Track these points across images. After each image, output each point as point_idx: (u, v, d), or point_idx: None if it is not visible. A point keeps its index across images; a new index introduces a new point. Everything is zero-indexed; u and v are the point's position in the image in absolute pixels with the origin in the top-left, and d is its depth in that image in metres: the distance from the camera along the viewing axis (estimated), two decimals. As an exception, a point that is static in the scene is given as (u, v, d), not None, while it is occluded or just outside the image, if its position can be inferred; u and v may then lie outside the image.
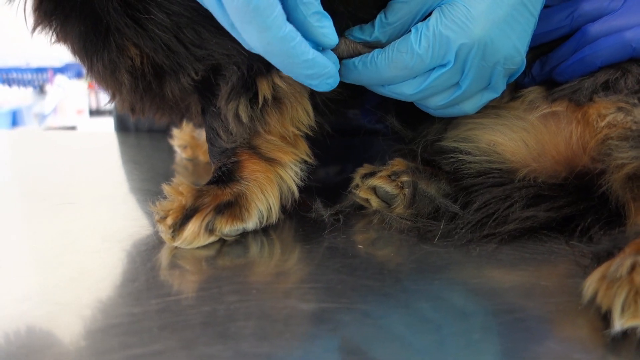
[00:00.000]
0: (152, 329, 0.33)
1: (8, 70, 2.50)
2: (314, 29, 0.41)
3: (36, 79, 2.45)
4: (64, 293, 0.38)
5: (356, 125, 0.83)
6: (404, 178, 0.49)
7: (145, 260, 0.43)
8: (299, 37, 0.40)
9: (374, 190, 0.51)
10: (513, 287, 0.37)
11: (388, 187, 0.50)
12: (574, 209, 0.45)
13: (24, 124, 2.28)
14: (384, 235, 0.47)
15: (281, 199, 0.51)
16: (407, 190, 0.49)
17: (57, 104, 2.23)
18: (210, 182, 0.50)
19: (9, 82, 2.48)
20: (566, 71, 0.50)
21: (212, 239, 0.46)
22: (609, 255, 0.37)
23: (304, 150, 0.53)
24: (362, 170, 0.53)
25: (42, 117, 2.23)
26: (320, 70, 0.42)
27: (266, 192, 0.50)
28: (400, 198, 0.49)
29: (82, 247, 0.46)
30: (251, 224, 0.48)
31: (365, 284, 0.38)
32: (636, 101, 0.43)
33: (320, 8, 0.41)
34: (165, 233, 0.46)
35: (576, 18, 0.50)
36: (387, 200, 0.50)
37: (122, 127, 0.99)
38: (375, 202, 0.51)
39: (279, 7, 0.38)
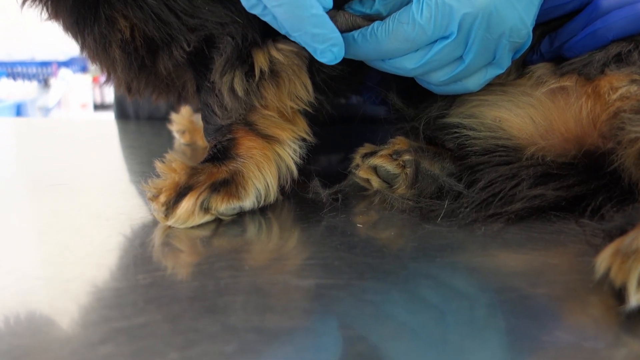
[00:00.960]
0: (136, 302, 0.31)
1: (13, 64, 2.50)
2: None
3: (41, 72, 2.45)
4: (46, 268, 0.36)
5: (359, 113, 0.81)
6: (406, 157, 0.47)
7: (134, 237, 0.41)
8: None
9: (375, 169, 0.49)
10: (520, 267, 0.35)
11: (389, 167, 0.48)
12: (584, 188, 0.43)
13: (28, 117, 2.28)
14: (385, 215, 0.45)
15: (279, 178, 0.49)
16: (409, 169, 0.47)
17: (61, 97, 2.22)
18: (205, 160, 0.48)
19: (14, 75, 2.48)
20: (576, 46, 0.48)
21: (208, 218, 0.44)
22: (621, 232, 0.34)
23: (302, 128, 0.51)
24: (362, 150, 0.51)
25: (46, 111, 2.23)
26: (327, 33, 0.41)
27: (263, 170, 0.47)
28: (402, 178, 0.47)
29: (68, 225, 0.44)
30: (248, 202, 0.46)
31: (364, 261, 0.36)
32: (650, 73, 0.41)
33: None
34: (158, 212, 0.44)
35: (587, -9, 0.48)
36: (388, 180, 0.48)
37: (122, 114, 0.98)
38: (376, 182, 0.49)
39: None
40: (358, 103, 0.86)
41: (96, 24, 0.48)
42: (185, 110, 0.76)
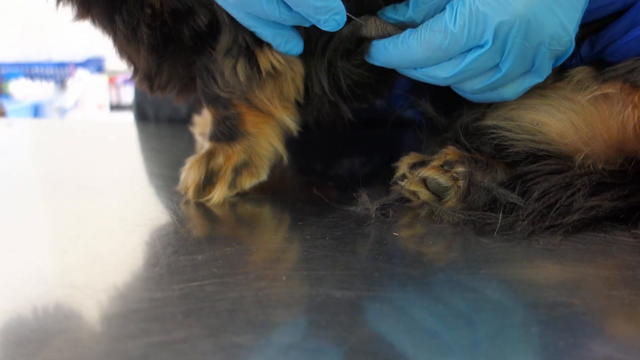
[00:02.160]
0: (175, 315, 0.30)
1: (30, 65, 2.52)
2: None
3: (58, 73, 2.46)
4: (80, 277, 0.36)
5: (383, 116, 0.80)
6: (459, 169, 0.45)
7: (165, 245, 0.40)
8: None
9: (424, 181, 0.46)
10: (567, 279, 0.34)
11: (441, 179, 0.45)
12: (638, 198, 0.41)
13: (45, 117, 2.29)
14: (435, 228, 0.43)
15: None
16: (462, 182, 0.44)
17: (78, 98, 2.23)
18: (214, 136, 0.52)
19: (32, 76, 2.50)
20: (620, 50, 0.47)
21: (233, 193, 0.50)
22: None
23: (292, 112, 0.52)
24: (408, 159, 0.48)
25: (63, 111, 2.24)
26: (330, 3, 0.41)
27: (273, 141, 0.52)
28: (453, 190, 0.45)
29: (98, 231, 0.44)
30: (265, 175, 0.51)
31: (404, 272, 0.35)
32: None
33: None
34: (193, 198, 0.49)
35: (631, -8, 0.46)
36: (438, 193, 0.46)
37: (141, 116, 0.97)
38: (424, 195, 0.46)
39: None
40: (382, 107, 0.84)
41: (124, 4, 0.48)
42: (207, 112, 0.75)
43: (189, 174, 0.50)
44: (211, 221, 0.46)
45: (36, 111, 2.22)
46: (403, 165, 0.48)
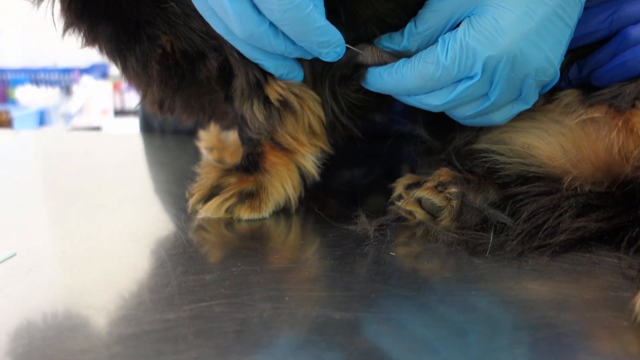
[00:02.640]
0: (187, 335, 0.32)
1: (36, 71, 2.55)
2: None
3: (63, 79, 2.49)
4: (95, 297, 0.38)
5: (384, 130, 0.82)
6: (452, 189, 0.47)
7: (175, 265, 0.43)
8: (312, 5, 0.41)
9: (420, 202, 0.49)
10: (552, 300, 0.36)
11: (435, 199, 0.48)
12: (624, 220, 0.43)
13: (51, 123, 2.32)
14: (429, 248, 0.45)
15: (303, 179, 0.54)
16: (455, 202, 0.47)
17: (83, 104, 2.26)
18: (239, 166, 0.55)
19: (37, 82, 2.53)
20: (605, 76, 0.49)
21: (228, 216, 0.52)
22: (655, 267, 0.35)
23: (323, 141, 0.54)
24: (404, 181, 0.51)
25: (68, 117, 2.27)
26: (331, 38, 0.43)
27: (286, 185, 0.53)
28: (447, 210, 0.47)
29: (112, 250, 0.46)
30: (266, 214, 0.53)
31: (401, 294, 0.37)
32: (683, 108, 0.42)
33: None
34: (192, 205, 0.52)
35: (616, 20, 0.49)
36: (433, 213, 0.48)
37: (147, 128, 0.99)
38: (420, 214, 0.49)
39: None
40: (382, 121, 0.87)
41: (137, 44, 0.51)
42: (213, 128, 0.78)
43: (203, 181, 0.53)
44: (217, 240, 0.49)
45: (42, 117, 2.26)
46: (399, 186, 0.51)
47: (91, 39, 0.54)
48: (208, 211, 0.51)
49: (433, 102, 0.47)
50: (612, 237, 0.43)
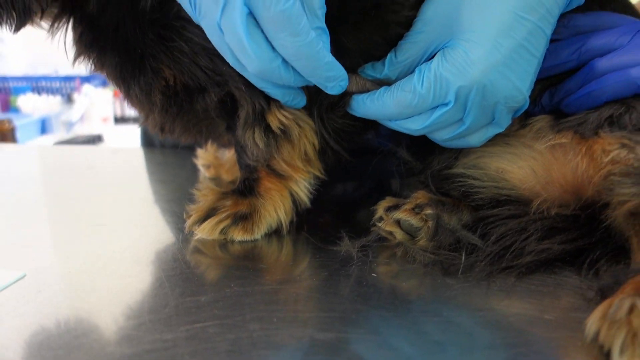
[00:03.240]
0: (183, 355, 0.36)
1: (38, 79, 2.59)
2: None
3: (64, 87, 2.53)
4: (100, 317, 0.41)
5: (374, 145, 0.86)
6: (428, 211, 0.51)
7: (174, 286, 0.46)
8: (322, 42, 0.45)
9: (399, 223, 0.52)
10: (516, 321, 0.39)
11: (413, 221, 0.52)
12: (585, 242, 0.47)
13: (52, 131, 2.36)
14: (407, 267, 0.49)
15: (296, 205, 0.58)
16: (431, 222, 0.51)
17: (84, 112, 2.30)
18: (235, 190, 0.59)
19: (39, 90, 2.57)
20: (573, 104, 0.52)
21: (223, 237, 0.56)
22: (610, 290, 0.39)
23: (317, 167, 0.58)
24: (385, 203, 0.55)
25: (69, 125, 2.30)
26: (337, 73, 0.47)
27: (279, 210, 0.57)
28: (424, 230, 0.51)
29: (114, 270, 0.49)
30: (258, 236, 0.56)
31: (379, 314, 0.41)
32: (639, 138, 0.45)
33: (323, 24, 0.45)
34: (189, 227, 0.56)
35: (584, 53, 0.52)
36: (411, 233, 0.52)
37: (148, 142, 1.03)
38: (399, 235, 0.53)
39: (306, 17, 0.43)
40: (372, 137, 0.90)
41: (142, 74, 0.55)
42: (210, 146, 0.81)
43: (200, 203, 0.57)
44: (212, 262, 0.52)
45: (43, 125, 2.30)
46: (380, 208, 0.54)
47: (99, 66, 0.59)
48: (203, 232, 0.55)
49: (412, 126, 0.51)
50: (575, 258, 0.46)
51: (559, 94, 0.54)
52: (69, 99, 2.46)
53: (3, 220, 0.64)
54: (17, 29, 0.51)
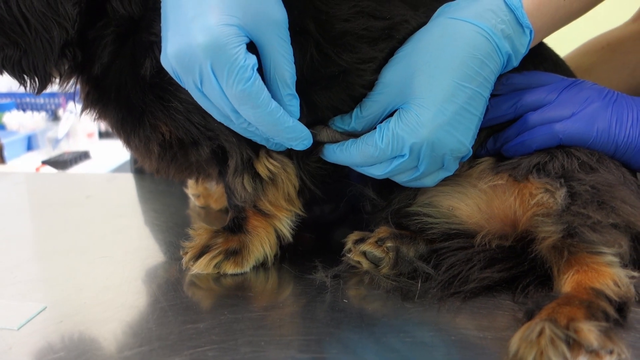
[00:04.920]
0: (188, 377, 0.45)
1: (22, 95, 2.63)
2: (286, 106, 0.54)
3: (49, 103, 2.58)
4: (116, 345, 0.49)
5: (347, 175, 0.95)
6: (389, 244, 0.60)
7: (176, 314, 0.54)
8: (282, 110, 0.54)
9: (365, 254, 0.62)
10: (461, 342, 0.48)
11: (376, 252, 0.61)
12: (519, 270, 0.56)
13: (38, 148, 2.41)
14: (372, 292, 0.58)
15: (279, 240, 0.66)
16: (391, 254, 0.60)
17: (69, 128, 2.36)
18: (226, 227, 0.66)
19: (23, 107, 2.61)
20: (511, 150, 0.62)
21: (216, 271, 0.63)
22: (532, 313, 0.48)
23: (298, 206, 0.67)
24: (353, 237, 0.64)
25: (55, 142, 2.36)
26: (298, 134, 0.56)
27: (264, 245, 0.65)
28: (386, 260, 0.60)
29: (123, 301, 0.57)
30: (248, 269, 0.64)
31: (348, 337, 0.50)
32: (558, 185, 0.55)
33: (293, 91, 0.54)
34: (185, 263, 0.64)
35: (519, 107, 0.62)
36: (375, 262, 0.61)
37: (138, 169, 1.11)
38: (365, 264, 0.62)
39: (266, 91, 0.52)
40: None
41: (141, 128, 0.63)
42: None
43: (195, 241, 0.65)
44: (206, 292, 0.60)
45: (30, 142, 2.35)
46: (349, 241, 0.64)
47: (102, 118, 0.67)
48: (199, 267, 0.63)
49: (375, 172, 0.60)
50: (510, 284, 0.56)
51: (500, 140, 0.64)
52: (54, 116, 2.51)
53: (14, 253, 0.72)
54: (39, 91, 0.59)
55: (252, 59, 0.50)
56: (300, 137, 0.56)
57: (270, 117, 0.53)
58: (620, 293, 0.50)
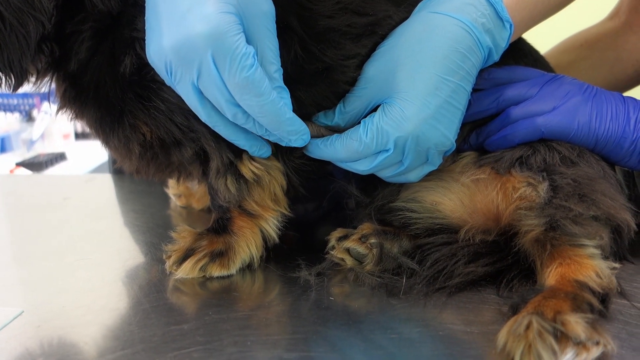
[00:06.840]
0: (174, 380, 0.44)
1: (-6, 96, 2.57)
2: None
3: (23, 104, 2.52)
4: (98, 350, 0.48)
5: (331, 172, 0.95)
6: (372, 240, 0.60)
7: (160, 316, 0.53)
8: (282, 101, 0.53)
9: (348, 251, 0.61)
10: (447, 336, 0.48)
11: (360, 249, 0.60)
12: (503, 264, 0.56)
13: (12, 149, 2.35)
14: (356, 289, 0.58)
15: (264, 241, 0.65)
16: (375, 250, 0.59)
17: (44, 129, 2.31)
18: (210, 229, 0.64)
19: (-4, 108, 2.54)
20: (493, 144, 0.62)
21: (202, 274, 0.62)
22: (518, 307, 0.48)
23: (283, 206, 0.66)
24: (336, 234, 0.64)
25: (30, 143, 2.30)
26: (298, 128, 0.55)
27: (250, 246, 0.64)
28: (369, 257, 0.60)
29: (104, 303, 0.56)
30: (234, 270, 0.62)
31: (335, 334, 0.49)
32: (541, 178, 0.55)
33: (282, 83, 0.54)
34: (169, 268, 0.62)
35: (501, 102, 0.62)
36: (359, 259, 0.61)
37: (117, 169, 1.09)
38: (349, 261, 0.61)
39: (267, 80, 0.51)
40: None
41: (120, 128, 0.62)
42: (181, 178, 0.88)
43: (179, 244, 0.63)
44: (191, 294, 0.59)
45: (3, 144, 2.29)
46: (332, 238, 0.63)
47: (80, 117, 0.65)
48: (184, 272, 0.60)
49: (360, 167, 0.60)
50: (494, 278, 0.56)
51: (482, 134, 0.64)
52: (28, 117, 2.45)
53: (-9, 258, 0.70)
54: (15, 89, 0.57)
55: (252, 47, 0.50)
56: (299, 131, 0.55)
57: (273, 106, 0.52)
58: (603, 284, 0.50)
